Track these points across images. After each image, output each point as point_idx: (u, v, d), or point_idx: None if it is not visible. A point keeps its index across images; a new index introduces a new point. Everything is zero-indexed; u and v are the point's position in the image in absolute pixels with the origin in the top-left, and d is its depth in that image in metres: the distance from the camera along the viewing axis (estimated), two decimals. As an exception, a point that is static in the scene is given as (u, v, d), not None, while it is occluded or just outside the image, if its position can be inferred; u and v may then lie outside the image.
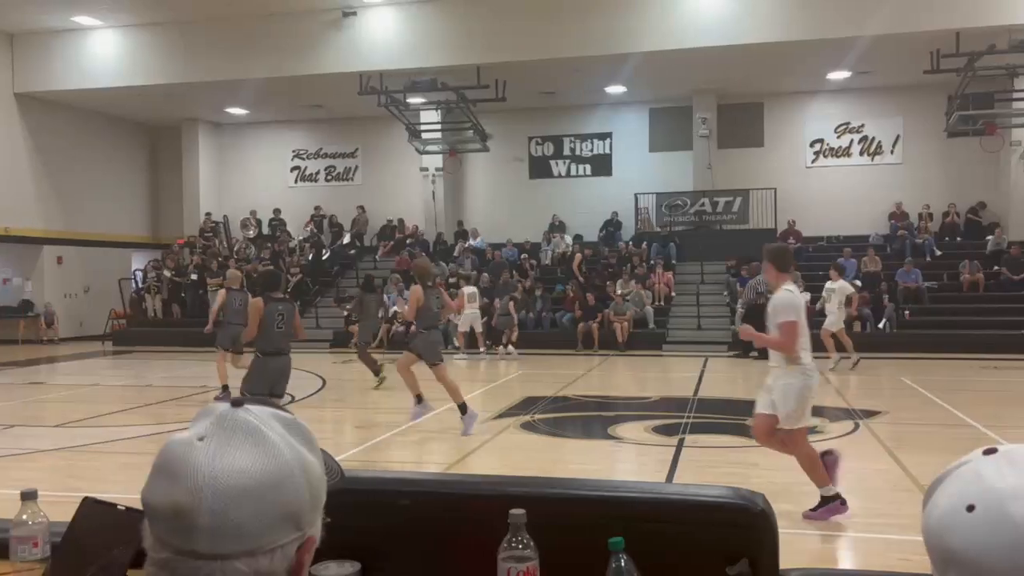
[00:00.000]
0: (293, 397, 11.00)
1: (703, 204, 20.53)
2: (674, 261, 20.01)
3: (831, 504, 5.38)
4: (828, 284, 14.07)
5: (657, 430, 8.56)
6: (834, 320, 13.65)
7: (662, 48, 16.76)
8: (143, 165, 24.36)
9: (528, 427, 8.76)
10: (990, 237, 18.51)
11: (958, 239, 19.25)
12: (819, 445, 7.70)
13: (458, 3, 17.43)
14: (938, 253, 18.67)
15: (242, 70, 18.48)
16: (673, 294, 18.97)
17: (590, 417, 9.95)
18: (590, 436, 8.75)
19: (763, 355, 14.14)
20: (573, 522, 1.38)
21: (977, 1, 15.27)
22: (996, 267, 17.67)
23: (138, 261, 22.56)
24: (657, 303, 18.39)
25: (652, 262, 19.46)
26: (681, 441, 7.88)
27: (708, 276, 19.26)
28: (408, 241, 21.75)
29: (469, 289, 17.38)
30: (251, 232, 22.98)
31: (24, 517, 1.37)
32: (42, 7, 17.61)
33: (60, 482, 6.73)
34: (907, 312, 16.88)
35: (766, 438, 5.56)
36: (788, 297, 5.31)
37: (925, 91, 18.77)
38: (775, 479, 6.60)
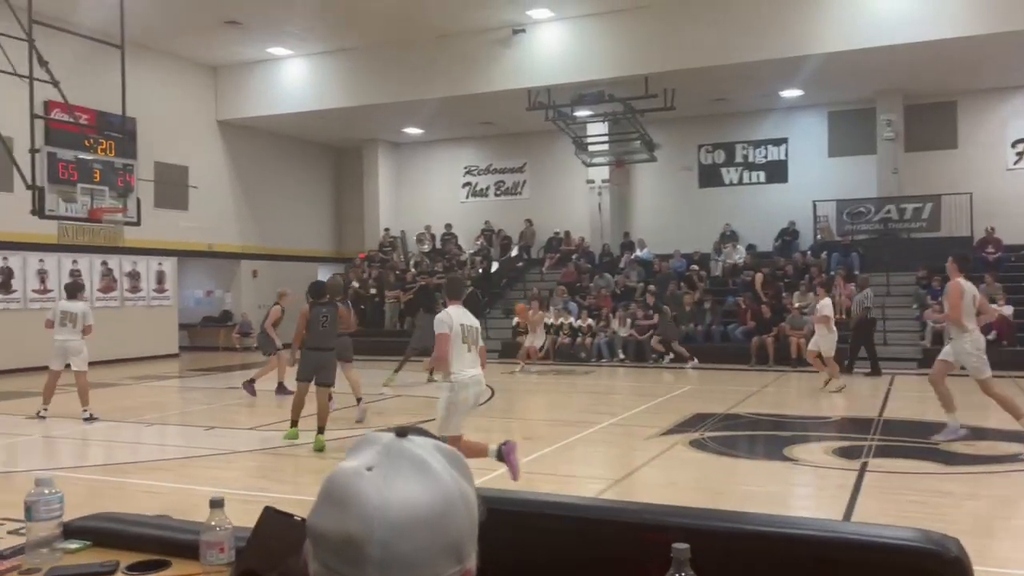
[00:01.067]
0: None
1: (889, 211, 19.26)
2: (857, 272, 18.87)
3: None
4: None
5: (838, 452, 8.09)
6: None
7: (844, 49, 15.88)
8: (328, 184, 25.97)
9: (697, 445, 8.52)
10: None
11: None
12: (1022, 476, 7.00)
13: (625, 15, 17.36)
14: None
15: (419, 91, 19.31)
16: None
17: (764, 436, 9.54)
18: (764, 457, 8.38)
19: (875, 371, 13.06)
20: (740, 560, 1.31)
21: None
22: None
23: (323, 274, 24.03)
24: (838, 316, 17.37)
25: (832, 273, 18.46)
26: (864, 465, 7.40)
27: (895, 288, 18.03)
28: (574, 254, 21.85)
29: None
30: (426, 246, 23.92)
31: (213, 523, 1.48)
32: (242, 41, 19.22)
33: (252, 482, 7.26)
34: None
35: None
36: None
37: None
38: (970, 509, 6.06)
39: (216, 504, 1.49)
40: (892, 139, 19.05)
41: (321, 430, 8.34)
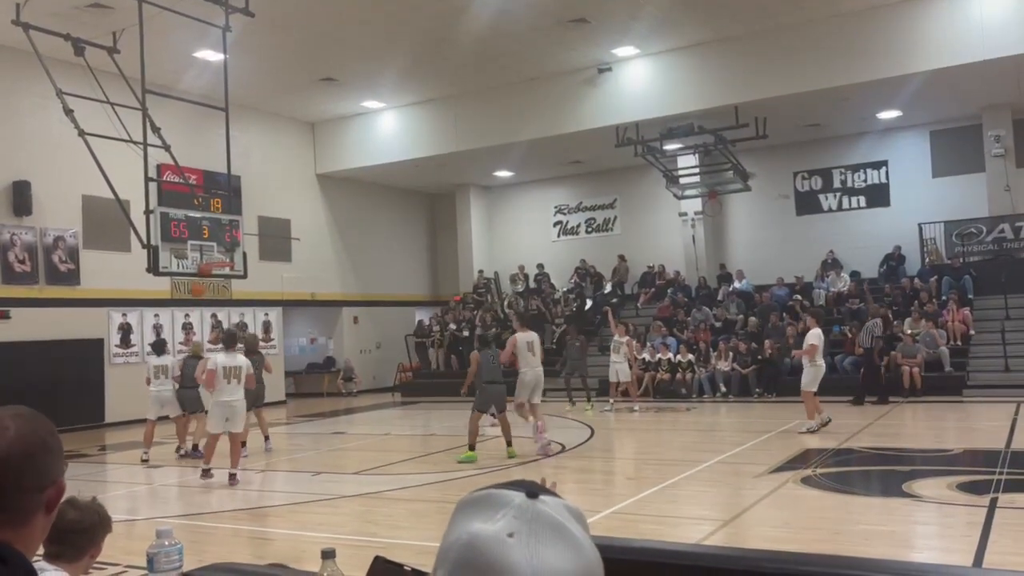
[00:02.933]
0: (564, 447, 11.21)
1: (1002, 231, 18.27)
2: (970, 296, 17.94)
3: None
4: None
5: (963, 487, 7.61)
6: None
7: (946, 65, 15.26)
8: (422, 229, 26.54)
9: (809, 482, 8.17)
10: None
11: None
12: None
13: (711, 46, 17.23)
14: None
15: (508, 135, 19.60)
16: (972, 332, 16.97)
17: (881, 471, 9.08)
18: (882, 493, 7.96)
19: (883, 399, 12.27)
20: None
21: None
22: None
23: (423, 317, 24.47)
24: (953, 343, 16.53)
25: (944, 298, 17.59)
26: (994, 501, 6.93)
27: (1014, 311, 17.00)
28: (669, 289, 21.56)
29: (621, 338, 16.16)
30: (519, 287, 24.06)
31: (325, 574, 1.49)
32: (337, 97, 19.99)
33: (360, 527, 7.35)
34: None
35: None
36: None
37: None
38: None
39: (328, 555, 1.50)
40: (1002, 155, 18.13)
41: (508, 443, 10.48)
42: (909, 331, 16.44)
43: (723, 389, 17.43)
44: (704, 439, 12.66)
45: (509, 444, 10.45)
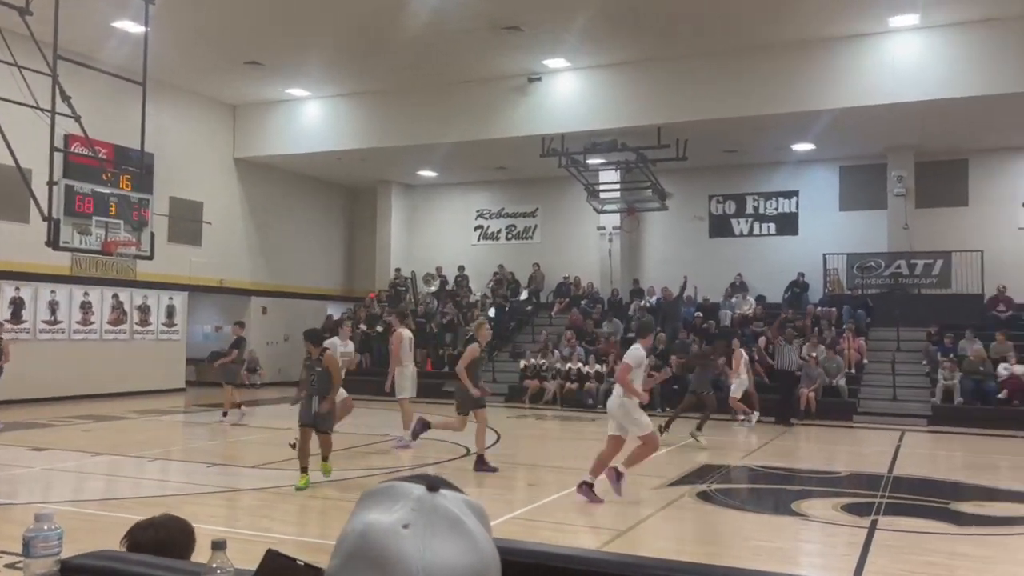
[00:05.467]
0: (468, 450, 11.21)
1: (899, 266, 19.23)
2: (867, 325, 18.80)
3: None
4: None
5: (847, 508, 7.95)
6: None
7: (855, 105, 16.02)
8: (340, 223, 26.15)
9: (705, 497, 8.40)
10: None
11: None
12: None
13: (639, 65, 17.58)
14: None
15: (434, 135, 19.52)
16: (865, 361, 17.78)
17: (773, 490, 9.41)
18: (772, 511, 8.25)
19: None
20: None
21: None
22: None
23: (332, 312, 24.07)
24: (848, 371, 17.28)
25: (844, 327, 18.37)
26: (874, 523, 7.26)
27: (905, 343, 17.91)
28: (583, 301, 21.85)
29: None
30: (433, 287, 23.96)
31: (214, 565, 1.45)
32: (261, 82, 19.53)
33: (254, 522, 7.17)
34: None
35: None
36: None
37: None
38: (987, 573, 5.93)
39: (218, 546, 1.46)
40: (903, 195, 19.08)
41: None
42: (813, 355, 17.09)
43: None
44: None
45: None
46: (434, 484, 0.85)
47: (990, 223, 19.26)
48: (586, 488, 7.96)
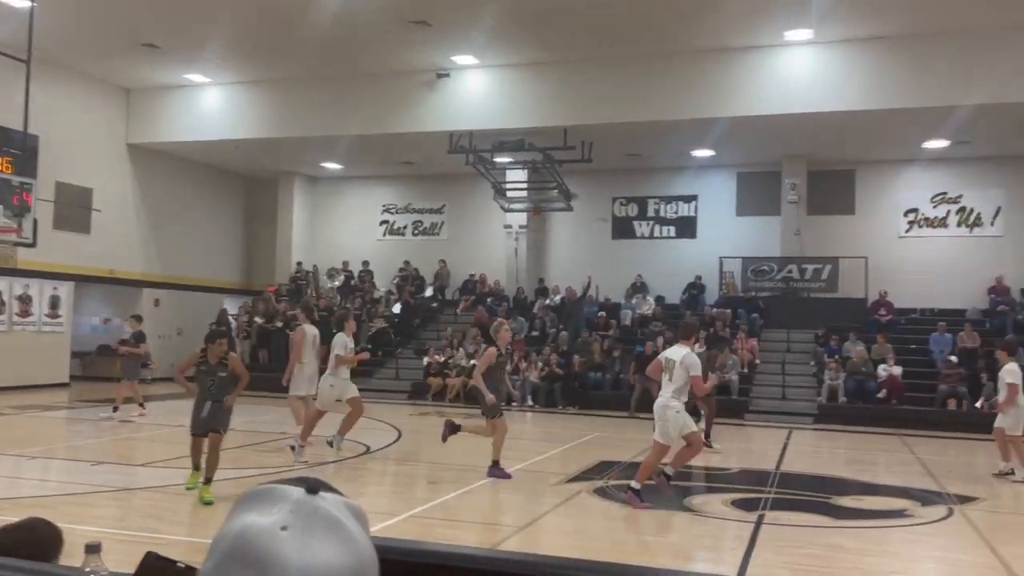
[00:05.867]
0: (368, 448, 11.10)
1: (790, 270, 20.07)
2: (760, 327, 19.54)
3: None
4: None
5: (736, 504, 8.26)
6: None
7: (750, 114, 16.63)
8: (240, 214, 25.41)
9: (601, 493, 8.57)
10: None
11: (1066, 317, 18.21)
12: (910, 531, 7.29)
13: (547, 67, 17.76)
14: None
15: (338, 127, 19.19)
16: (757, 362, 18.48)
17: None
18: (665, 507, 8.47)
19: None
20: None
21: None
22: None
23: (230, 306, 23.38)
24: (741, 370, 17.93)
25: (738, 328, 19.03)
26: (761, 517, 7.56)
27: (795, 344, 18.71)
28: (489, 298, 21.93)
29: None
30: (336, 282, 23.58)
31: (88, 569, 1.39)
32: (158, 65, 18.76)
33: (140, 522, 6.90)
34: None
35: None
36: None
37: (1029, 162, 18.04)
38: (862, 564, 6.26)
39: (92, 549, 1.40)
40: (795, 202, 19.92)
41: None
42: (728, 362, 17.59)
43: (530, 401, 17.92)
44: (507, 447, 12.92)
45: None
46: (313, 486, 0.84)
47: (874, 231, 20.32)
48: (632, 494, 7.83)
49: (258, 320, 21.15)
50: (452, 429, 9.55)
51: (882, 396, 16.57)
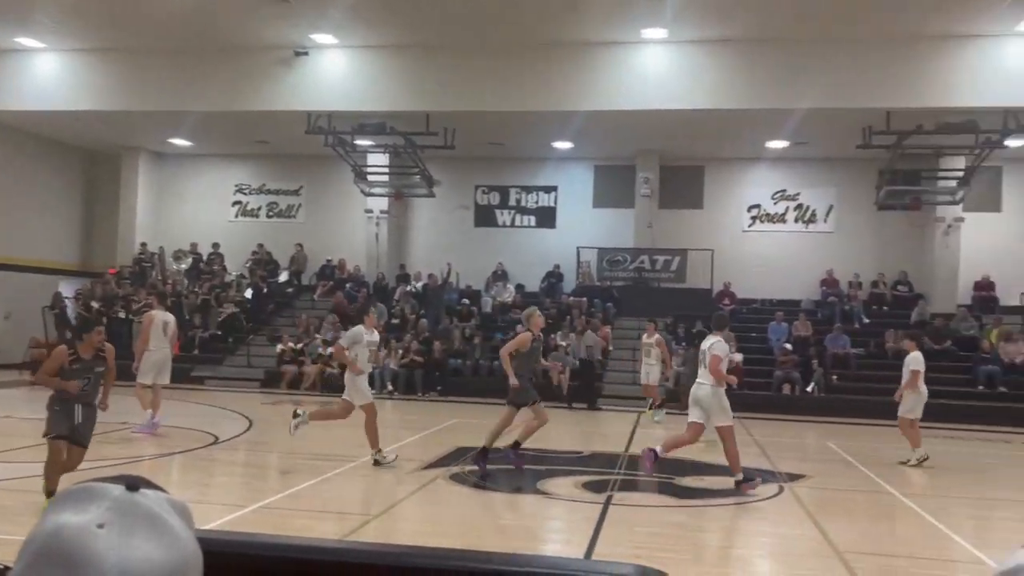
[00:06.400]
0: (217, 438, 10.70)
1: (642, 261, 20.86)
2: (614, 315, 20.21)
3: None
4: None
5: (587, 486, 8.52)
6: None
7: (606, 108, 17.14)
8: (79, 190, 23.75)
9: (457, 479, 8.63)
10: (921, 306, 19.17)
11: (885, 308, 19.86)
12: (745, 508, 7.77)
13: (411, 50, 17.59)
14: (866, 321, 19.23)
15: (187, 102, 18.26)
16: (611, 348, 19.12)
17: (522, 470, 9.85)
18: (519, 491, 8.65)
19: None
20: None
21: (907, 83, 16.00)
22: (920, 337, 18.24)
23: (66, 289, 21.85)
24: (596, 358, 18.47)
25: (593, 316, 19.59)
26: (609, 498, 7.85)
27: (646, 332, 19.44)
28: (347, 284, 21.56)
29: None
30: (184, 265, 22.48)
31: None
32: (-16, 25, 17.22)
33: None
34: (835, 377, 17.30)
35: None
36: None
37: (858, 164, 19.50)
38: (698, 540, 6.62)
39: None
40: (648, 196, 20.71)
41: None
42: (562, 343, 18.06)
43: (389, 387, 17.79)
44: (364, 435, 12.81)
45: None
46: (134, 483, 0.82)
47: (720, 225, 21.42)
48: (650, 453, 8.53)
49: (95, 304, 19.84)
50: (484, 454, 8.82)
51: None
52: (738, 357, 17.78)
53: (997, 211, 20.23)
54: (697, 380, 8.47)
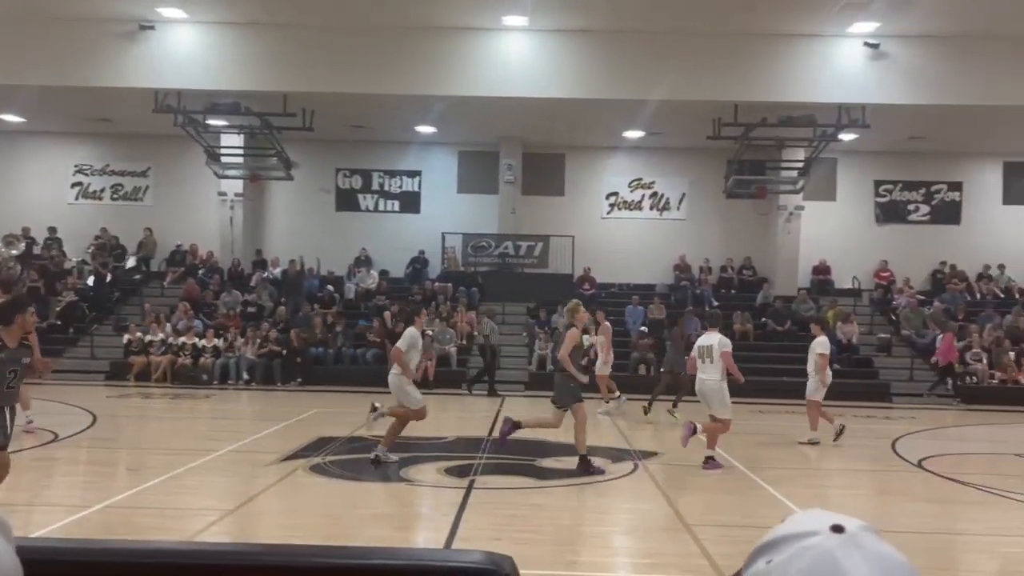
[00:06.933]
0: (56, 435, 10.04)
1: (506, 247, 21.08)
2: (479, 300, 20.34)
3: None
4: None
5: (450, 472, 8.56)
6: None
7: (468, 94, 17.15)
8: None
9: (318, 470, 8.47)
10: (765, 290, 20.35)
11: (733, 291, 20.97)
12: (601, 487, 8.03)
13: (267, 28, 16.95)
14: (715, 304, 20.21)
15: (17, 75, 16.85)
16: (475, 334, 19.23)
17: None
18: (382, 479, 8.57)
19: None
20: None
21: (752, 78, 16.88)
22: (764, 319, 19.41)
23: None
24: (460, 342, 18.57)
25: (458, 301, 19.65)
26: (472, 483, 7.92)
27: (509, 317, 19.71)
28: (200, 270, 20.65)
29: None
30: (15, 251, 20.80)
31: None
32: None
33: None
34: (686, 358, 18.10)
35: None
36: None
37: (708, 154, 20.42)
38: (559, 520, 6.79)
39: None
40: (511, 182, 20.93)
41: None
42: (428, 331, 18.00)
43: (246, 376, 17.21)
44: (220, 427, 12.38)
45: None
46: None
47: (581, 212, 21.93)
48: (712, 463, 8.76)
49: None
50: (512, 427, 8.65)
51: (585, 363, 17.98)
52: (600, 340, 18.34)
53: (832, 200, 21.73)
54: (699, 375, 9.14)
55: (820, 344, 11.10)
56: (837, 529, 0.78)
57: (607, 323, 14.33)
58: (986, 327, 18.72)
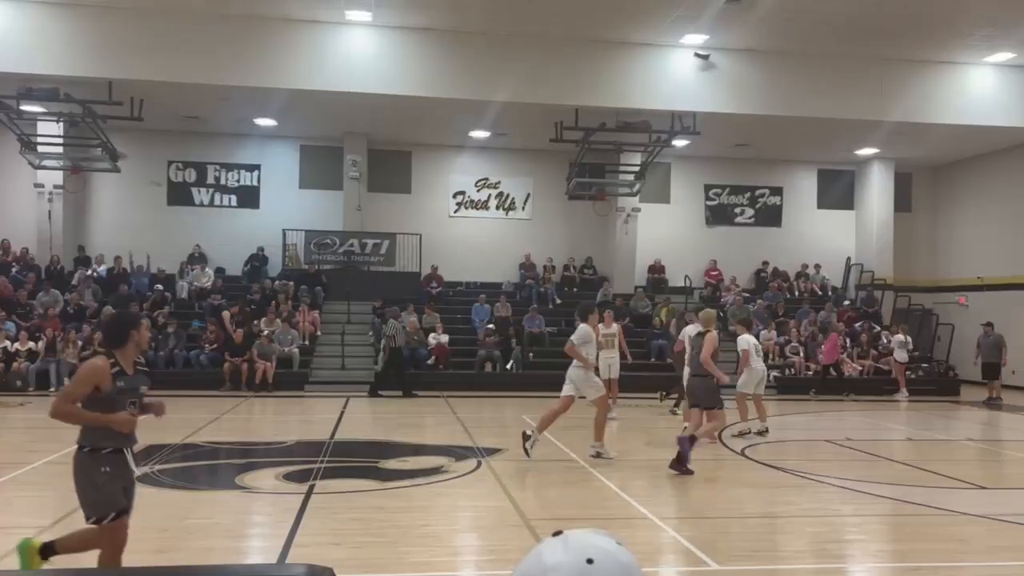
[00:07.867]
0: None
1: (352, 244, 20.72)
2: (323, 299, 19.88)
3: None
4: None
5: (289, 477, 8.34)
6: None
7: (309, 88, 16.71)
8: None
9: (147, 480, 8.00)
10: (605, 288, 21.07)
11: (575, 289, 21.59)
12: (443, 486, 8.06)
13: (90, 10, 15.81)
14: (559, 301, 20.77)
15: None
16: (319, 333, 18.81)
17: (218, 465, 9.39)
18: (217, 487, 8.24)
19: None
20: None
21: (591, 83, 17.41)
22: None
23: None
24: (302, 343, 18.09)
25: (300, 301, 19.13)
26: (311, 488, 7.75)
27: (355, 316, 19.41)
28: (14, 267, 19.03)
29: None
30: None
31: None
32: None
33: None
34: (531, 354, 18.50)
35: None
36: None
37: (552, 156, 20.92)
38: (398, 521, 6.76)
39: None
40: (356, 178, 20.60)
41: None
42: (265, 331, 17.42)
43: (66, 382, 16.00)
44: (37, 437, 11.45)
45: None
46: None
47: (428, 210, 21.89)
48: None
49: None
50: (690, 443, 8.71)
51: (431, 362, 18.02)
52: (444, 338, 18.40)
53: (667, 202, 22.81)
54: (691, 372, 9.70)
55: (743, 341, 12.06)
56: (557, 534, 1.02)
57: (618, 325, 14.06)
58: (803, 322, 20.28)
